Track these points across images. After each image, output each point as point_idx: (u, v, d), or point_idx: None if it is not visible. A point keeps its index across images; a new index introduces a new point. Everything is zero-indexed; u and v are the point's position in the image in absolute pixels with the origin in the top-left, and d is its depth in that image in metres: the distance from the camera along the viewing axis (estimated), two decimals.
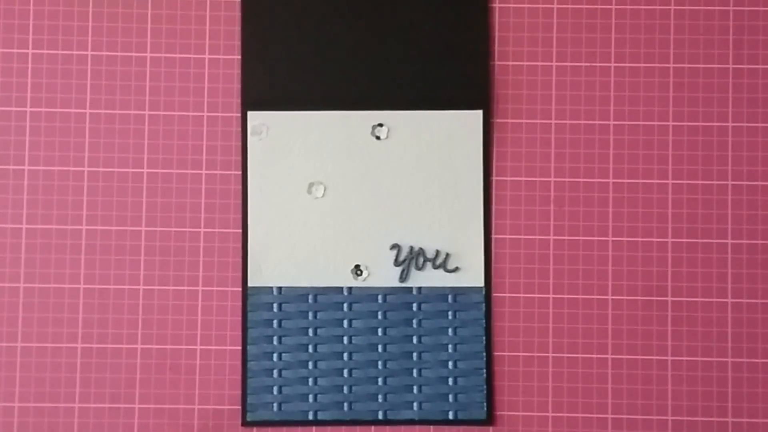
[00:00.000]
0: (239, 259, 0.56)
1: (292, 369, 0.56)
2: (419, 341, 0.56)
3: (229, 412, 0.56)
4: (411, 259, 0.56)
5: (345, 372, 0.56)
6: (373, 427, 0.56)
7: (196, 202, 0.57)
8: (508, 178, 0.57)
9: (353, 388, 0.56)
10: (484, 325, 0.56)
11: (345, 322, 0.56)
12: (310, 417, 0.56)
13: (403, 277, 0.56)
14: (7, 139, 0.57)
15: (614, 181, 0.57)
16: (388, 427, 0.56)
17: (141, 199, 0.57)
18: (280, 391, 0.56)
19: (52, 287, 0.56)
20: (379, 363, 0.56)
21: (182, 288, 0.56)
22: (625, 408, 0.56)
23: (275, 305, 0.56)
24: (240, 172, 0.57)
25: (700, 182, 0.57)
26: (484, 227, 0.56)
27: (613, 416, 0.56)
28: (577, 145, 0.57)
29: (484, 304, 0.56)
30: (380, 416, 0.56)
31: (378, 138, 0.57)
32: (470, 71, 0.57)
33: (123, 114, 0.57)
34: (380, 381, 0.56)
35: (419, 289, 0.56)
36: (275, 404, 0.56)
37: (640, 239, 0.56)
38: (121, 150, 0.57)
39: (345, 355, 0.56)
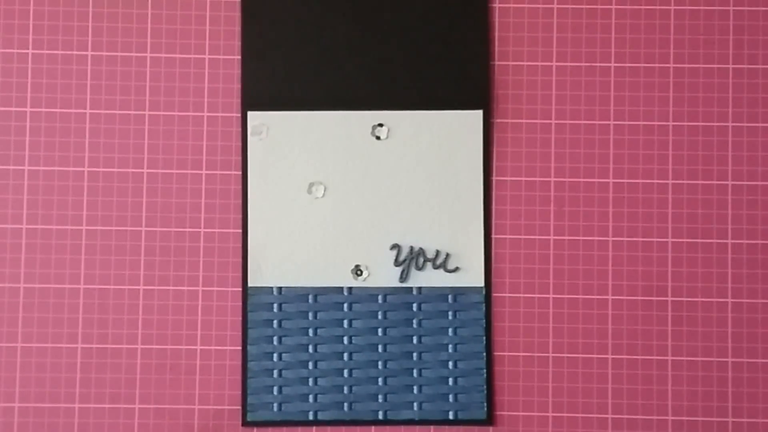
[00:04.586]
0: (239, 259, 0.56)
1: (293, 369, 0.56)
2: (419, 341, 0.56)
3: (229, 412, 0.56)
4: (411, 259, 0.56)
5: (345, 372, 0.56)
6: (373, 427, 0.56)
7: (196, 202, 0.57)
8: (508, 178, 0.57)
9: (353, 388, 0.56)
10: (484, 325, 0.56)
11: (345, 322, 0.56)
12: (310, 417, 0.56)
13: (403, 277, 0.56)
14: (7, 139, 0.57)
15: (614, 181, 0.57)
16: (388, 427, 0.56)
17: (141, 199, 0.57)
18: (280, 391, 0.56)
19: (52, 287, 0.56)
20: (379, 363, 0.56)
21: (182, 288, 0.56)
22: (625, 408, 0.56)
23: (275, 305, 0.56)
24: (240, 172, 0.57)
25: (700, 182, 0.57)
26: (484, 227, 0.56)
27: (613, 416, 0.56)
28: (577, 145, 0.57)
29: (484, 304, 0.56)
30: (380, 416, 0.56)
31: (378, 138, 0.57)
32: (470, 71, 0.57)
33: (123, 114, 0.57)
34: (380, 381, 0.56)
35: (419, 289, 0.56)
36: (275, 404, 0.56)
37: (640, 239, 0.56)
38: (121, 150, 0.57)
39: (345, 355, 0.56)
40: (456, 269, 0.56)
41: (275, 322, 0.56)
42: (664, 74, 0.57)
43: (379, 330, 0.56)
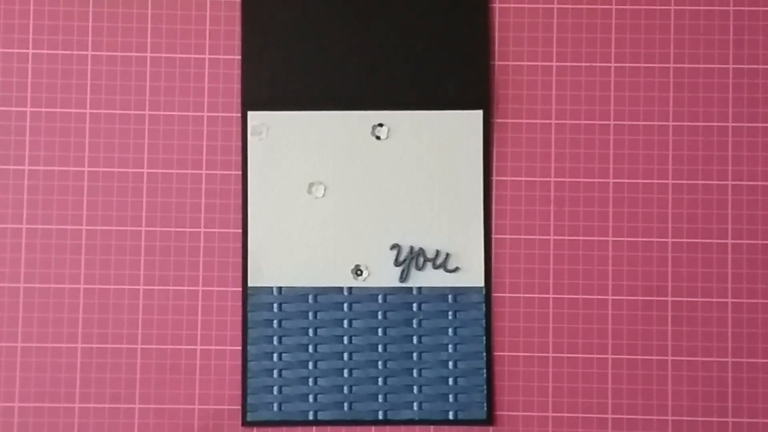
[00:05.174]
0: (239, 259, 0.56)
1: (292, 369, 0.56)
2: (419, 341, 0.56)
3: (229, 412, 0.56)
4: (411, 259, 0.56)
5: (345, 372, 0.56)
6: (373, 427, 0.56)
7: (196, 202, 0.57)
8: (508, 178, 0.57)
9: (353, 388, 0.56)
10: (484, 325, 0.56)
11: (345, 322, 0.56)
12: (310, 417, 0.56)
13: (403, 277, 0.56)
14: (7, 139, 0.57)
15: (614, 181, 0.57)
16: (388, 427, 0.56)
17: (141, 199, 0.57)
18: (280, 391, 0.56)
19: (52, 287, 0.56)
20: (379, 363, 0.56)
21: (182, 288, 0.56)
22: (625, 408, 0.56)
23: (275, 305, 0.56)
24: (240, 172, 0.57)
25: (700, 182, 0.57)
26: (484, 227, 0.56)
27: (613, 416, 0.56)
28: (577, 145, 0.57)
29: (484, 304, 0.56)
30: (380, 416, 0.56)
31: (378, 138, 0.57)
32: (470, 71, 0.57)
33: (123, 114, 0.57)
34: (380, 381, 0.56)
35: (419, 289, 0.56)
36: (275, 404, 0.56)
37: (640, 239, 0.56)
38: (121, 150, 0.57)
39: (345, 355, 0.56)
40: (456, 269, 0.56)
41: (275, 322, 0.56)
42: (664, 74, 0.57)
43: (379, 330, 0.56)
